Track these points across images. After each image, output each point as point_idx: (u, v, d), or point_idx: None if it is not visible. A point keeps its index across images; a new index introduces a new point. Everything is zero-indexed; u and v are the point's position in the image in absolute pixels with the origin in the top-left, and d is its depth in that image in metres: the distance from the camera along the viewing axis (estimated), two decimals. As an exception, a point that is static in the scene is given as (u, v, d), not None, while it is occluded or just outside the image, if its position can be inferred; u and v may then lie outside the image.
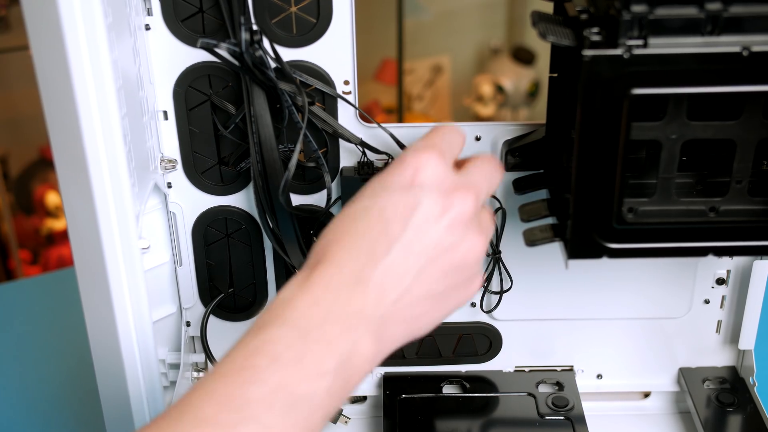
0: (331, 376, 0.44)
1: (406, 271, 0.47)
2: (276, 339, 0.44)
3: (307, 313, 0.45)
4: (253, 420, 0.42)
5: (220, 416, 0.42)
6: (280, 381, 0.43)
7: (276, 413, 0.42)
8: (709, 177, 0.56)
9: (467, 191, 0.49)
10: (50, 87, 0.49)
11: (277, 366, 0.43)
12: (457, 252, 0.49)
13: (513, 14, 2.18)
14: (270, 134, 0.60)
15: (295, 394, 0.43)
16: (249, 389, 0.42)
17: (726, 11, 0.47)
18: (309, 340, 0.44)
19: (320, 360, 0.44)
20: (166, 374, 0.69)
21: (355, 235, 0.47)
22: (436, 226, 0.48)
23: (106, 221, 0.51)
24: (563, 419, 0.68)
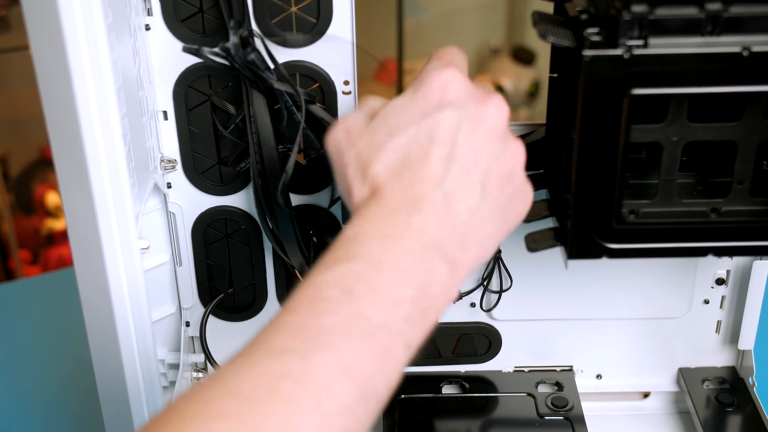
0: (409, 304, 0.43)
1: (471, 188, 0.47)
2: (347, 273, 0.43)
3: (378, 246, 0.44)
4: (329, 346, 0.40)
5: (294, 344, 0.40)
6: (355, 311, 0.41)
7: (353, 341, 0.41)
8: (709, 177, 0.56)
9: (497, 97, 0.49)
10: (50, 87, 0.49)
11: (351, 298, 0.42)
12: (506, 159, 0.49)
13: (513, 14, 2.18)
14: (269, 134, 0.60)
15: (372, 322, 0.41)
16: (322, 318, 0.41)
17: (726, 11, 0.47)
18: (382, 271, 0.43)
19: (395, 289, 0.43)
20: (165, 374, 0.69)
21: (411, 167, 0.46)
22: (481, 138, 0.48)
23: (106, 221, 0.51)
24: (563, 419, 0.68)
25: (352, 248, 0.44)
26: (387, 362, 0.42)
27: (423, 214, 0.45)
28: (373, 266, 0.43)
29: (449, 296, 0.46)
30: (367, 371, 0.41)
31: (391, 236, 0.44)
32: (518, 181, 0.50)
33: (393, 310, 0.42)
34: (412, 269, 0.44)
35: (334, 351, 0.40)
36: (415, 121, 0.48)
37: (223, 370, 0.40)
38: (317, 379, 0.39)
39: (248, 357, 0.41)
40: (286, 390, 0.39)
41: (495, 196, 0.48)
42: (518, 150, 0.50)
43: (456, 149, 0.47)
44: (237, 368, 0.40)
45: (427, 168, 0.46)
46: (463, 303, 0.70)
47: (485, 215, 0.47)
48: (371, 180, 0.47)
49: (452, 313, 0.71)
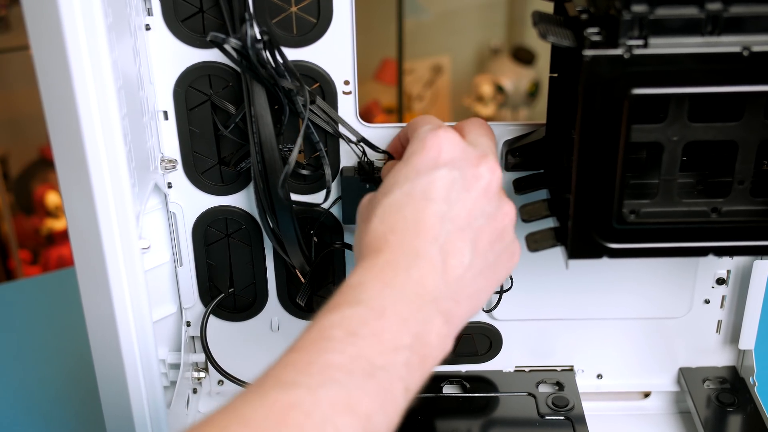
0: (408, 351, 0.45)
1: (463, 245, 0.49)
2: (351, 316, 0.45)
3: (380, 294, 0.46)
4: (335, 383, 0.42)
5: (301, 379, 0.42)
6: (359, 352, 0.43)
7: (356, 379, 0.42)
8: (710, 177, 0.56)
9: (490, 159, 0.52)
10: (51, 87, 0.49)
11: (354, 339, 0.44)
12: (497, 219, 0.51)
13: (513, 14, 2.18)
14: (270, 134, 0.60)
15: (374, 364, 0.43)
16: (328, 356, 0.43)
17: (726, 11, 0.47)
18: (384, 318, 0.45)
19: (395, 335, 0.45)
20: (166, 374, 0.69)
21: (406, 220, 0.49)
22: (474, 197, 0.50)
23: (107, 221, 0.51)
24: (563, 419, 0.68)
25: (356, 294, 0.46)
26: (387, 403, 0.44)
27: (420, 267, 0.47)
28: (376, 312, 0.45)
29: (445, 347, 0.48)
30: (369, 409, 0.42)
31: (391, 286, 0.46)
32: (508, 239, 0.52)
33: (393, 355, 0.44)
34: (410, 319, 0.46)
35: (339, 387, 0.42)
36: (409, 178, 0.50)
37: (234, 400, 0.42)
38: (323, 412, 0.41)
39: (258, 389, 0.42)
40: (294, 421, 0.40)
41: (485, 254, 0.50)
42: (510, 210, 0.52)
43: (450, 207, 0.49)
44: (248, 399, 0.42)
45: (423, 223, 0.49)
46: (464, 303, 0.70)
47: (477, 271, 0.50)
48: (370, 235, 0.49)
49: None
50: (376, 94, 2.11)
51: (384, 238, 0.49)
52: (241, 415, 0.41)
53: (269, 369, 0.44)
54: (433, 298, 0.47)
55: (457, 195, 0.50)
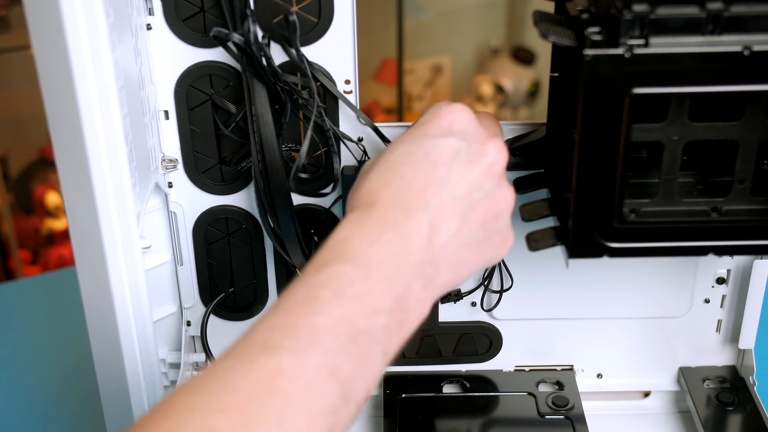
0: (387, 315, 0.45)
1: (454, 214, 0.49)
2: (339, 274, 0.45)
3: (368, 251, 0.46)
4: (320, 347, 0.42)
5: (287, 342, 0.42)
6: (344, 314, 0.43)
7: (341, 344, 0.42)
8: (710, 177, 0.56)
9: (499, 140, 0.52)
10: (52, 87, 0.49)
11: (341, 300, 0.44)
12: (494, 199, 0.51)
13: (513, 14, 2.18)
14: (271, 134, 0.60)
15: (356, 328, 0.43)
16: (315, 319, 0.43)
17: (727, 10, 0.47)
18: (369, 278, 0.45)
19: (378, 298, 0.45)
20: (166, 374, 0.69)
21: (402, 178, 0.49)
22: (476, 171, 0.50)
23: (107, 221, 0.51)
24: (563, 419, 0.68)
25: (344, 250, 0.46)
26: (366, 368, 0.44)
27: (408, 228, 0.47)
28: (362, 272, 0.45)
29: (422, 312, 0.48)
30: (350, 374, 0.42)
31: (378, 244, 0.46)
32: (501, 224, 0.52)
33: (374, 318, 0.44)
34: (393, 281, 0.46)
35: (324, 352, 0.42)
36: (416, 139, 0.50)
37: (220, 364, 0.41)
38: (308, 379, 0.41)
39: (244, 353, 0.42)
40: (281, 387, 0.40)
41: (474, 229, 0.50)
42: (509, 195, 0.52)
43: (449, 175, 0.49)
44: (234, 363, 0.41)
45: (419, 184, 0.48)
46: (464, 302, 0.70)
47: (462, 243, 0.49)
48: (365, 187, 0.49)
49: (453, 312, 0.71)
50: (376, 94, 2.11)
51: (377, 192, 0.49)
52: (227, 381, 0.40)
53: (253, 330, 0.43)
54: (415, 261, 0.47)
55: (459, 165, 0.50)
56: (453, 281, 0.50)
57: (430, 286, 0.48)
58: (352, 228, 0.47)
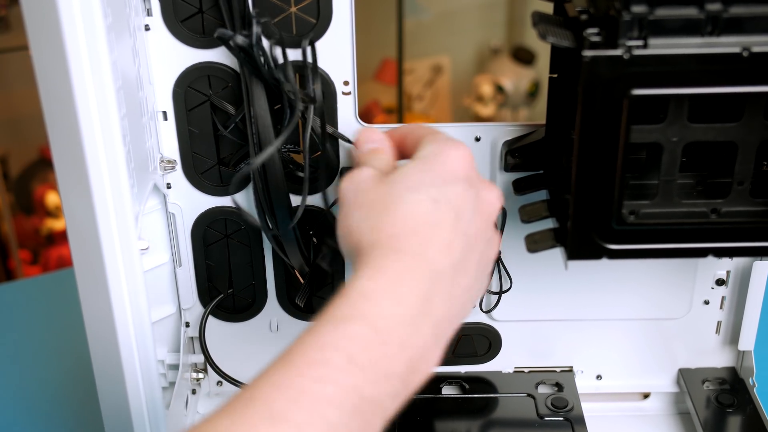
0: (398, 379, 0.44)
1: (470, 267, 0.48)
2: (354, 337, 0.43)
3: (388, 312, 0.44)
4: (322, 419, 0.41)
5: (290, 412, 0.40)
6: (354, 383, 0.42)
7: (345, 415, 0.41)
8: (710, 178, 0.56)
9: (496, 188, 0.52)
10: (50, 87, 0.49)
11: (353, 367, 0.42)
12: (491, 247, 0.51)
13: (513, 14, 2.18)
14: (270, 135, 0.60)
15: (363, 396, 0.42)
16: (323, 387, 0.41)
17: (726, 12, 0.47)
18: (386, 344, 0.43)
19: (391, 364, 0.43)
20: (165, 375, 0.69)
21: (432, 227, 0.47)
22: (482, 220, 0.50)
23: (106, 222, 0.51)
24: (563, 420, 0.68)
25: (364, 307, 0.44)
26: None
27: (436, 286, 0.46)
28: (379, 336, 0.43)
29: (428, 372, 0.46)
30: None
31: (402, 305, 0.45)
32: (487, 270, 0.52)
33: (384, 385, 0.43)
34: (407, 344, 0.44)
35: (326, 428, 0.41)
36: (435, 184, 0.49)
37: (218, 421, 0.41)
38: None
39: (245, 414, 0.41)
40: None
41: (478, 277, 0.50)
42: (497, 242, 0.53)
43: (470, 225, 0.48)
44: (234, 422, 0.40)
45: (442, 233, 0.47)
46: (463, 303, 0.70)
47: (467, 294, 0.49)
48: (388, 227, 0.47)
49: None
50: (376, 94, 2.11)
51: (406, 237, 0.47)
52: None
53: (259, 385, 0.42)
54: (434, 321, 0.46)
55: (471, 215, 0.49)
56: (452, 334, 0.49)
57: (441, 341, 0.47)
58: (378, 279, 0.45)
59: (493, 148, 0.64)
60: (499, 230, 0.66)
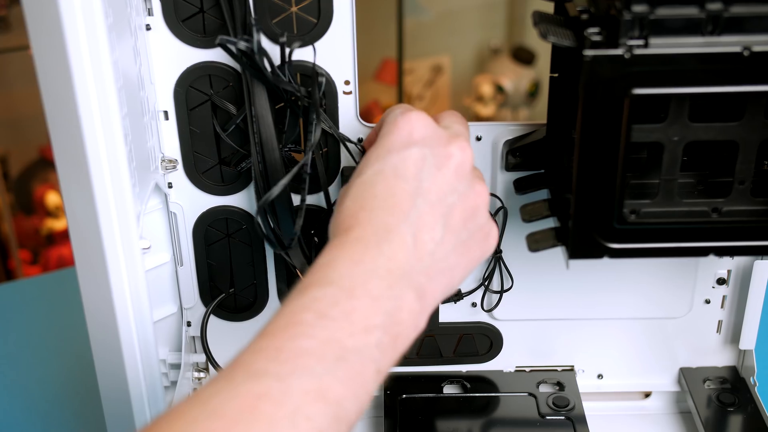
0: (379, 331, 0.45)
1: (435, 222, 0.49)
2: (321, 297, 0.44)
3: (350, 272, 0.46)
4: (305, 370, 0.42)
5: (272, 367, 0.42)
6: (330, 335, 0.43)
7: (327, 364, 0.42)
8: (710, 177, 0.56)
9: (461, 139, 0.52)
10: (51, 87, 0.49)
11: (325, 321, 0.43)
12: (468, 198, 0.51)
13: (513, 14, 2.18)
14: (271, 134, 0.60)
15: (345, 347, 0.43)
16: (299, 342, 0.42)
17: (727, 11, 0.47)
18: (354, 297, 0.45)
19: (366, 315, 0.44)
20: (167, 374, 0.69)
21: (377, 197, 0.49)
22: (445, 175, 0.50)
23: (107, 221, 0.51)
24: (564, 419, 0.68)
25: (326, 273, 0.46)
26: (359, 386, 0.43)
27: (391, 243, 0.47)
28: (346, 291, 0.45)
29: (418, 325, 0.48)
30: (341, 395, 0.42)
31: (361, 263, 0.46)
32: (481, 219, 0.52)
33: (364, 336, 0.44)
34: (381, 297, 0.45)
35: (310, 374, 0.42)
36: (381, 157, 0.51)
37: (206, 390, 0.42)
38: (294, 402, 0.41)
39: (229, 379, 0.42)
40: (266, 412, 0.40)
41: (458, 231, 0.50)
42: (482, 190, 0.52)
43: (421, 184, 0.49)
44: (219, 389, 0.41)
45: (393, 199, 0.49)
46: (465, 303, 0.70)
47: (449, 247, 0.50)
48: (342, 213, 0.49)
49: (453, 313, 0.71)
50: (376, 94, 2.11)
51: (355, 215, 0.49)
52: (211, 408, 0.40)
53: (239, 356, 0.43)
54: (404, 273, 0.47)
55: (428, 172, 0.50)
56: (448, 287, 0.50)
57: (425, 296, 0.48)
58: (333, 252, 0.47)
59: (494, 147, 0.64)
60: (500, 229, 0.66)
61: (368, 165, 0.51)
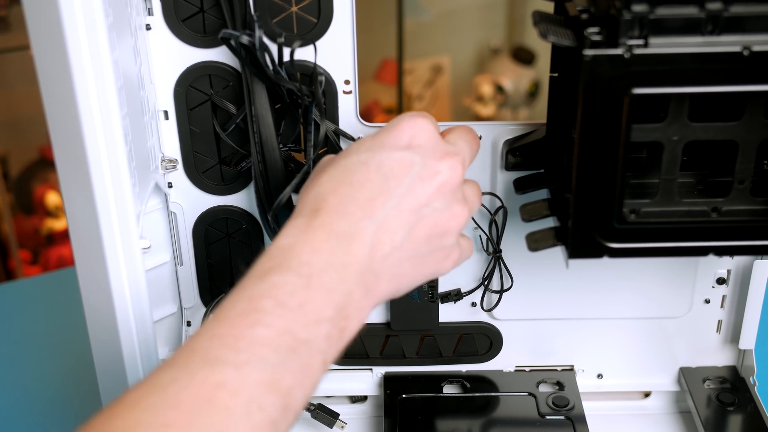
0: (329, 323, 0.45)
1: (399, 228, 0.49)
2: (280, 284, 0.45)
3: (309, 260, 0.46)
4: (260, 360, 0.42)
5: (229, 355, 0.42)
6: (285, 325, 0.44)
7: (281, 355, 0.43)
8: (710, 177, 0.56)
9: (456, 159, 0.51)
10: (51, 87, 0.49)
11: (282, 311, 0.44)
12: (442, 216, 0.51)
13: (513, 14, 2.18)
14: (271, 134, 0.60)
15: (297, 338, 0.44)
16: (257, 330, 0.43)
17: (726, 11, 0.47)
18: (310, 287, 0.45)
19: (319, 307, 0.45)
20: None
21: (352, 186, 0.49)
22: (427, 188, 0.50)
23: (107, 221, 0.51)
24: (564, 419, 0.68)
25: (286, 258, 0.46)
26: (306, 377, 0.44)
27: (351, 238, 0.47)
28: (303, 280, 0.45)
29: (361, 320, 0.48)
30: (291, 385, 0.43)
31: (320, 252, 0.47)
32: (447, 241, 0.52)
33: (315, 327, 0.45)
34: (334, 290, 0.46)
35: (265, 365, 0.42)
36: (372, 149, 0.50)
37: (163, 375, 0.42)
38: (249, 393, 0.41)
39: (186, 364, 0.42)
40: (223, 402, 0.40)
41: (419, 243, 0.50)
42: (460, 214, 0.52)
43: (398, 188, 0.49)
44: (177, 376, 0.41)
45: (367, 194, 0.49)
46: (464, 303, 0.70)
47: (405, 256, 0.50)
48: (314, 190, 0.49)
49: (453, 312, 0.71)
50: (376, 94, 2.11)
51: (325, 197, 0.49)
52: (170, 396, 0.40)
53: (198, 338, 0.43)
54: (357, 270, 0.47)
55: (411, 180, 0.50)
56: (393, 291, 0.51)
57: (370, 294, 0.48)
58: (296, 235, 0.47)
59: (494, 147, 0.64)
60: (500, 229, 0.66)
61: (357, 151, 0.51)
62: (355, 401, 0.74)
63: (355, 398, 0.74)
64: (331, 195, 0.49)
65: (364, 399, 0.74)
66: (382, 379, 0.73)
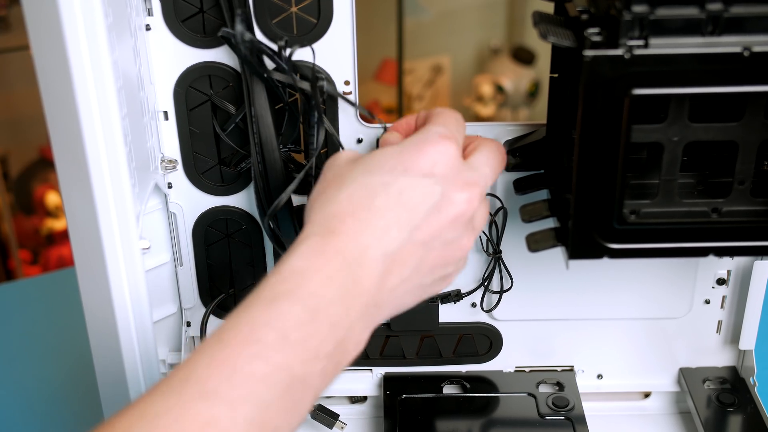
0: (327, 359, 0.45)
1: (409, 261, 0.48)
2: (286, 315, 0.44)
3: (320, 291, 0.45)
4: (254, 397, 0.42)
5: (223, 390, 0.41)
6: (285, 361, 0.43)
7: (276, 394, 0.42)
8: (710, 177, 0.56)
9: (474, 192, 0.51)
10: (51, 87, 0.49)
11: (284, 345, 0.43)
12: (450, 248, 0.50)
13: (513, 14, 2.18)
14: (271, 134, 0.60)
15: (294, 375, 0.43)
16: (254, 365, 0.42)
17: (727, 11, 0.47)
18: (316, 320, 0.44)
19: (321, 343, 0.44)
20: (166, 374, 0.69)
21: (370, 211, 0.48)
22: (442, 220, 0.49)
23: (107, 221, 0.51)
24: (564, 419, 0.68)
25: (298, 286, 0.45)
26: (295, 415, 0.44)
27: (362, 269, 0.47)
28: (309, 313, 0.44)
29: (357, 352, 0.47)
30: (278, 424, 0.43)
31: (332, 283, 0.45)
32: (450, 269, 0.52)
33: (313, 363, 0.44)
34: (337, 324, 0.45)
35: (258, 405, 0.42)
36: (395, 171, 0.49)
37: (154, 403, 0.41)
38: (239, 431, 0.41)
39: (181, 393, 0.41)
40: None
41: (423, 275, 0.50)
42: (466, 245, 0.51)
43: (415, 219, 0.48)
44: (170, 405, 0.41)
45: (386, 224, 0.48)
46: (464, 303, 0.70)
47: (409, 288, 0.49)
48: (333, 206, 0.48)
49: (453, 313, 0.71)
50: (376, 94, 2.11)
51: (342, 218, 0.47)
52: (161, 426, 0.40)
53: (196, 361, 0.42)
54: (363, 302, 0.46)
55: (427, 210, 0.49)
56: (388, 317, 0.50)
57: (370, 327, 0.48)
58: (309, 258, 0.46)
59: (493, 147, 0.64)
60: (500, 229, 0.66)
61: (381, 170, 0.49)
62: (355, 402, 0.74)
63: (355, 399, 0.74)
64: (350, 217, 0.47)
65: (364, 399, 0.74)
66: (381, 379, 0.73)
